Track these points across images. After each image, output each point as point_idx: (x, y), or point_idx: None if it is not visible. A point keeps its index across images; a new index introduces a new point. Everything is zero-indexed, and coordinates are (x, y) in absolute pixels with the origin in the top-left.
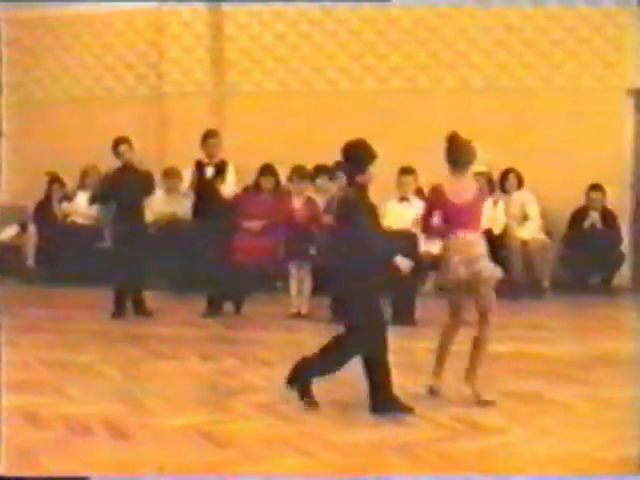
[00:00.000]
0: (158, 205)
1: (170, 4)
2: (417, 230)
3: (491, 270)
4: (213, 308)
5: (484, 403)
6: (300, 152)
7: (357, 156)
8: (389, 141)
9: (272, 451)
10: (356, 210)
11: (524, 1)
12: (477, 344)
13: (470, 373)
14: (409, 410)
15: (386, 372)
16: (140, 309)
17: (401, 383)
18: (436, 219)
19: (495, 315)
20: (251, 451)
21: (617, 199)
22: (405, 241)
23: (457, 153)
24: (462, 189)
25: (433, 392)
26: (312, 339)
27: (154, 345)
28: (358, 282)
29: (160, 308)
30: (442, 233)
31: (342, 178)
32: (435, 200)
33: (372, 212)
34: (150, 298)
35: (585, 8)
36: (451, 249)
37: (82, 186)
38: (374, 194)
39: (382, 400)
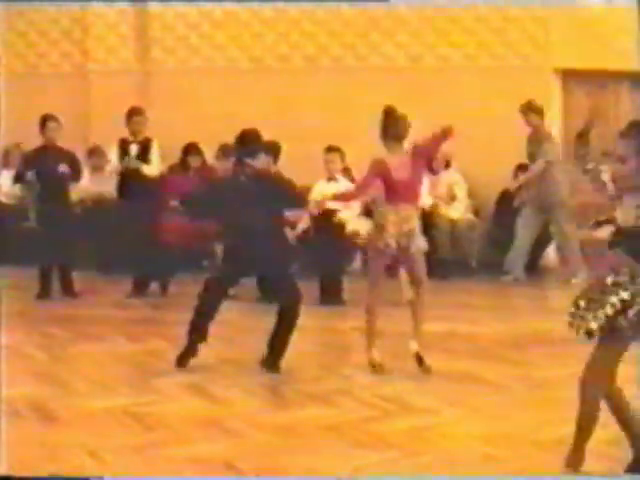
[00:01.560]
0: (83, 184)
1: None
2: (339, 204)
3: (417, 245)
4: (139, 289)
5: (424, 367)
6: (226, 130)
7: (249, 143)
8: (316, 118)
9: (201, 432)
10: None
11: None
12: (414, 308)
13: (415, 333)
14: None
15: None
16: (68, 290)
17: (324, 362)
18: (371, 190)
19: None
20: (180, 432)
21: None
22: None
23: (395, 127)
24: (400, 164)
25: (375, 367)
26: (240, 319)
27: (80, 326)
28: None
29: (86, 289)
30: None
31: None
32: (378, 172)
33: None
34: (76, 279)
35: None
36: (388, 222)
37: (5, 165)
38: (304, 173)
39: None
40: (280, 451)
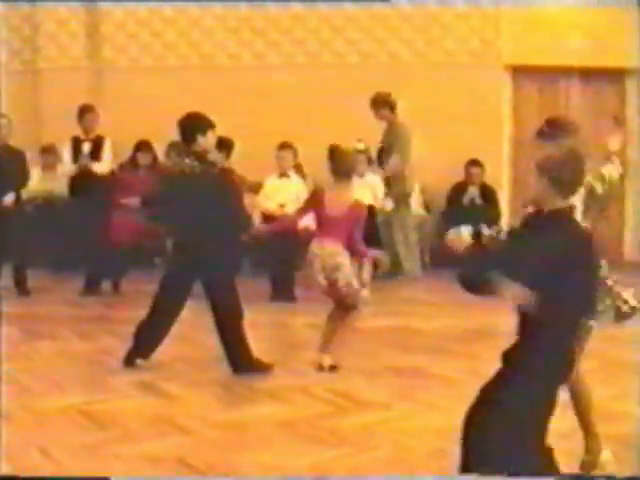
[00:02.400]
0: (34, 182)
1: None
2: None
3: (346, 279)
4: (91, 287)
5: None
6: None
7: (188, 126)
8: (267, 116)
9: (154, 430)
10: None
11: None
12: (336, 325)
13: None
14: (268, 368)
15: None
16: (21, 288)
17: (277, 359)
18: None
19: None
20: (133, 430)
21: (496, 175)
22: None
23: (339, 164)
24: (338, 199)
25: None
26: (192, 317)
27: (32, 324)
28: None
29: (39, 287)
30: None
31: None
32: (311, 204)
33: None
34: (29, 276)
35: None
36: (315, 256)
37: None
38: (255, 170)
39: (241, 360)
40: (233, 448)
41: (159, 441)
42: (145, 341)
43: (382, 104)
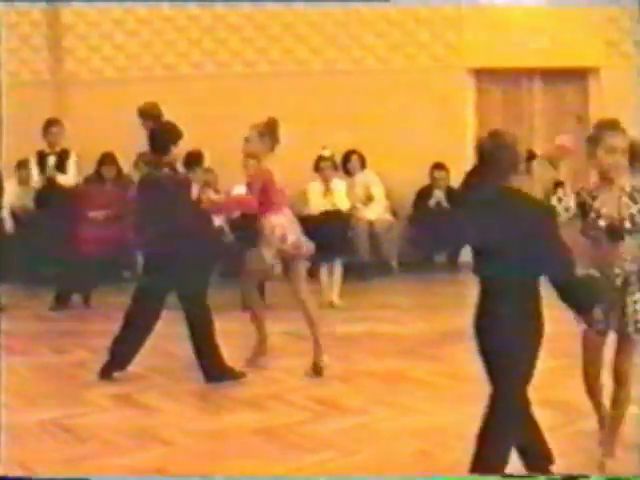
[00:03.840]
0: (10, 197)
1: None
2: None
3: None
4: (61, 301)
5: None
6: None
7: (161, 138)
8: (232, 125)
9: (133, 442)
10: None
11: None
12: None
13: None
14: (241, 375)
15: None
16: None
17: (256, 367)
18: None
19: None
20: (112, 443)
21: (460, 178)
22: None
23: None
24: None
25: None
26: (164, 328)
27: (4, 340)
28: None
29: (8, 302)
30: None
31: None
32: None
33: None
34: (1, 292)
35: None
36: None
37: None
38: (228, 178)
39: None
40: (212, 456)
41: (139, 453)
42: (121, 354)
43: (148, 115)
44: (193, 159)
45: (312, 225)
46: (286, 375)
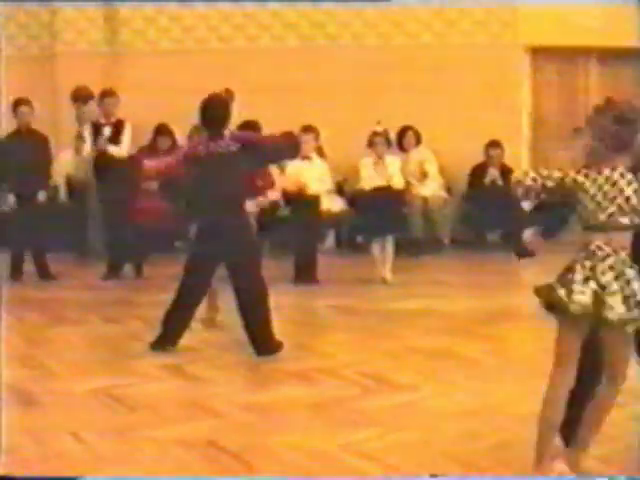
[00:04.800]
0: (66, 167)
1: None
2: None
3: None
4: (113, 271)
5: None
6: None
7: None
8: (287, 97)
9: (183, 413)
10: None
11: None
12: None
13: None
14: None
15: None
16: (44, 273)
17: (303, 341)
18: None
19: None
20: (162, 413)
21: (514, 156)
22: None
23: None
24: None
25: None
26: (219, 299)
27: (56, 309)
28: None
29: (61, 271)
30: None
31: None
32: None
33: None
34: (51, 261)
35: None
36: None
37: None
38: None
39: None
40: (263, 430)
41: (189, 424)
42: (172, 329)
43: (80, 98)
44: (249, 129)
45: (364, 201)
46: (337, 349)
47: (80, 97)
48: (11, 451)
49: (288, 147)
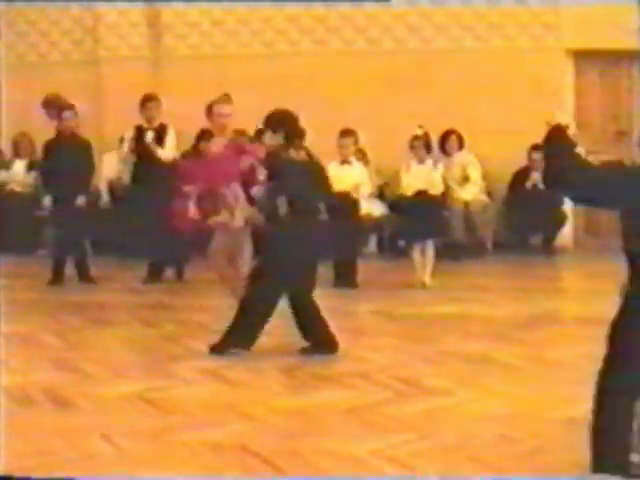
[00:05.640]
0: (109, 171)
1: None
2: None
3: None
4: (154, 274)
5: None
6: (239, 116)
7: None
8: (327, 103)
9: (218, 417)
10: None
11: None
12: None
13: None
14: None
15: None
16: (84, 276)
17: (344, 345)
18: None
19: None
20: (197, 417)
21: None
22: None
23: None
24: None
25: None
26: None
27: (95, 312)
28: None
29: (102, 275)
30: None
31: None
32: None
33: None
34: (93, 265)
35: None
36: None
37: (17, 154)
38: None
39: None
40: (296, 434)
41: (222, 428)
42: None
43: (51, 106)
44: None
45: (405, 205)
46: (373, 354)
47: (53, 105)
48: (41, 452)
49: None
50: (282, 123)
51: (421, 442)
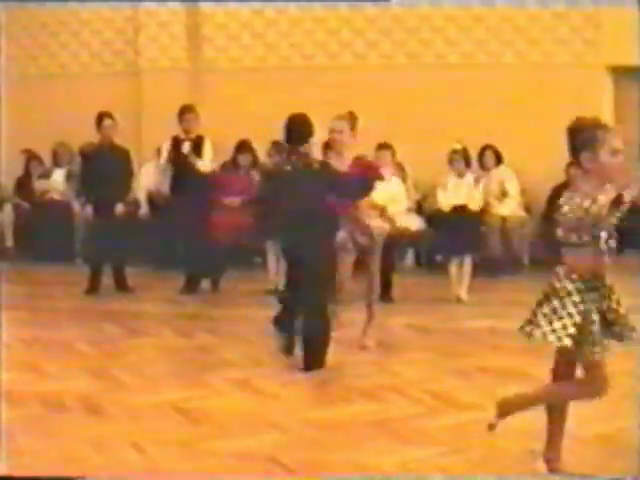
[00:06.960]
0: (147, 182)
1: None
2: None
3: None
4: (191, 285)
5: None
6: (278, 128)
7: (300, 130)
8: (365, 115)
9: (248, 427)
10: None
11: None
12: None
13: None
14: None
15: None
16: (121, 285)
17: (374, 358)
18: None
19: None
20: (227, 427)
21: None
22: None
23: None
24: None
25: None
26: None
27: (130, 322)
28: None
29: (138, 285)
30: None
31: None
32: None
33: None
34: (129, 274)
35: None
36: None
37: (56, 163)
38: None
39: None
40: (326, 446)
41: (252, 438)
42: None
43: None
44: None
45: (442, 219)
46: (406, 368)
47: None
48: (71, 459)
49: (359, 190)
50: None
51: (451, 456)
